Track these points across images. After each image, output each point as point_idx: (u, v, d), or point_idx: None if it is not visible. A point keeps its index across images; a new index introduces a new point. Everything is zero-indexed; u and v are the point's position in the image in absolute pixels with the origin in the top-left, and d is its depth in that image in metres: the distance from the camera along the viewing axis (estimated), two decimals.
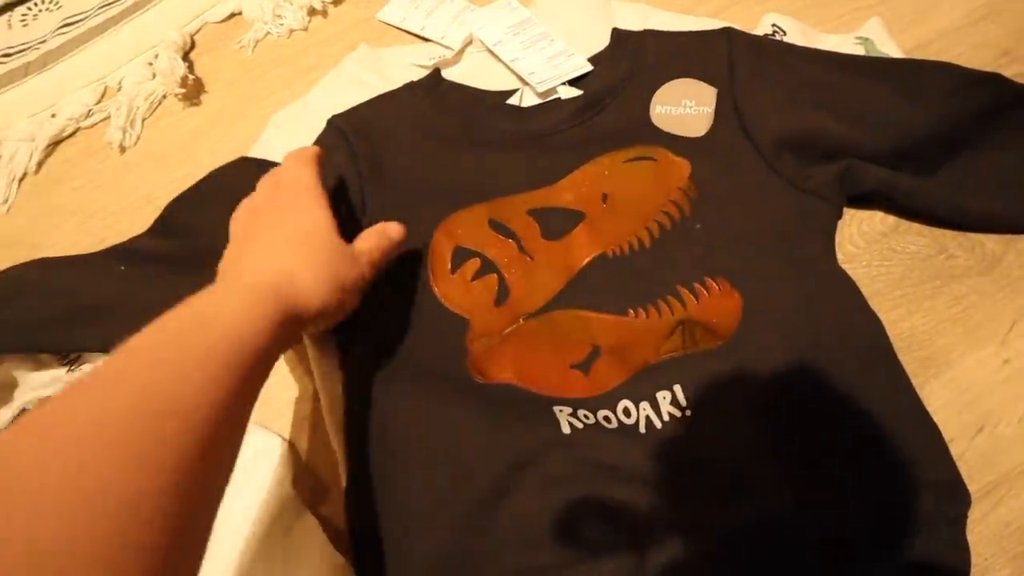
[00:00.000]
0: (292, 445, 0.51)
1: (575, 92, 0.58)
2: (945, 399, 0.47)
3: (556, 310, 0.50)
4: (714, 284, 0.48)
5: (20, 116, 0.68)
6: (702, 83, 0.55)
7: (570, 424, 0.45)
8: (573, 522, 0.42)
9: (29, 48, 0.73)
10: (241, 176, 0.57)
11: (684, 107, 0.55)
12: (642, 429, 0.45)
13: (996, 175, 0.51)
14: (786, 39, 0.59)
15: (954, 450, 0.44)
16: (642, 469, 0.43)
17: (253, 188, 0.48)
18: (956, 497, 0.41)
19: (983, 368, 0.48)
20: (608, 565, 0.41)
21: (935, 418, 0.45)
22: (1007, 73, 0.55)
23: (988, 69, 0.55)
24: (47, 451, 0.26)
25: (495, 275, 0.51)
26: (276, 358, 0.38)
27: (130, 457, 0.27)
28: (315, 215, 0.44)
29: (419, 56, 0.66)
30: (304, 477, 0.50)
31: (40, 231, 0.64)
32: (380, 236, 0.47)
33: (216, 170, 0.60)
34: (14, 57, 0.73)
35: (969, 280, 0.51)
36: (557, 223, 0.52)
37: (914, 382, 0.46)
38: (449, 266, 0.52)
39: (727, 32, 0.57)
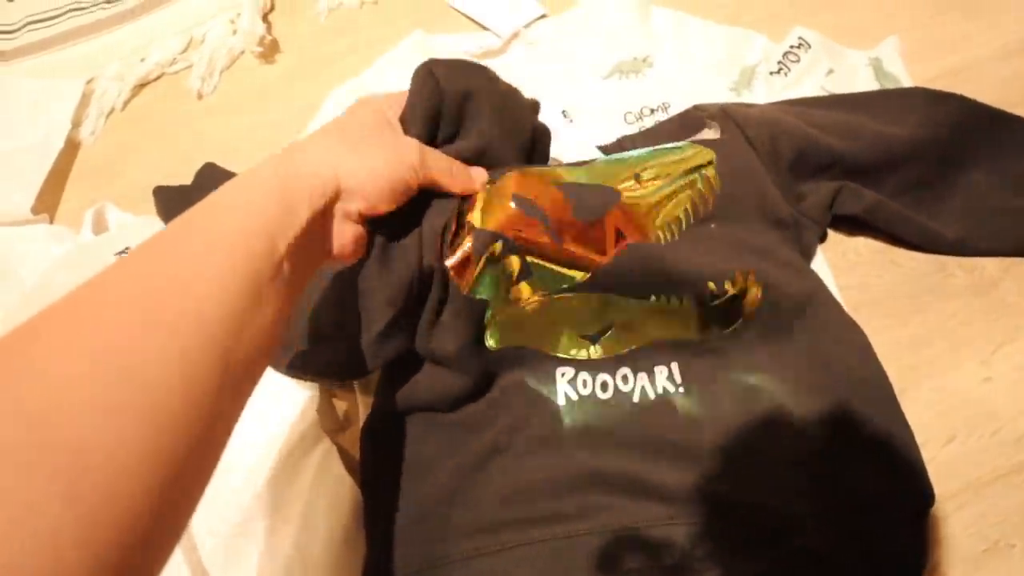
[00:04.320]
0: None
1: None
2: (923, 406, 0.47)
3: (579, 292, 0.47)
4: (741, 276, 0.46)
5: (113, 58, 0.72)
6: (703, 129, 0.54)
7: (566, 396, 0.46)
8: (556, 483, 0.43)
9: None
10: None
11: (686, 131, 0.55)
12: (636, 398, 0.46)
13: (965, 199, 0.52)
14: (809, 52, 0.60)
15: (924, 455, 0.45)
16: (628, 439, 0.44)
17: None
18: (921, 496, 0.42)
19: (964, 383, 0.48)
20: (582, 525, 0.42)
21: (912, 421, 0.45)
22: None
23: (1013, 103, 0.55)
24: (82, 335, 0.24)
25: (517, 257, 0.46)
26: (292, 235, 0.33)
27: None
28: (366, 111, 0.42)
29: (468, 44, 0.67)
30: (328, 409, 0.53)
31: (120, 162, 0.67)
32: (449, 173, 0.44)
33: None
34: (115, 4, 0.76)
35: (963, 299, 0.51)
36: (591, 202, 0.47)
37: (897, 388, 0.46)
38: (471, 256, 0.45)
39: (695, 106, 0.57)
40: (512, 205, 0.45)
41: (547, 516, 0.43)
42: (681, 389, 0.46)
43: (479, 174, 0.47)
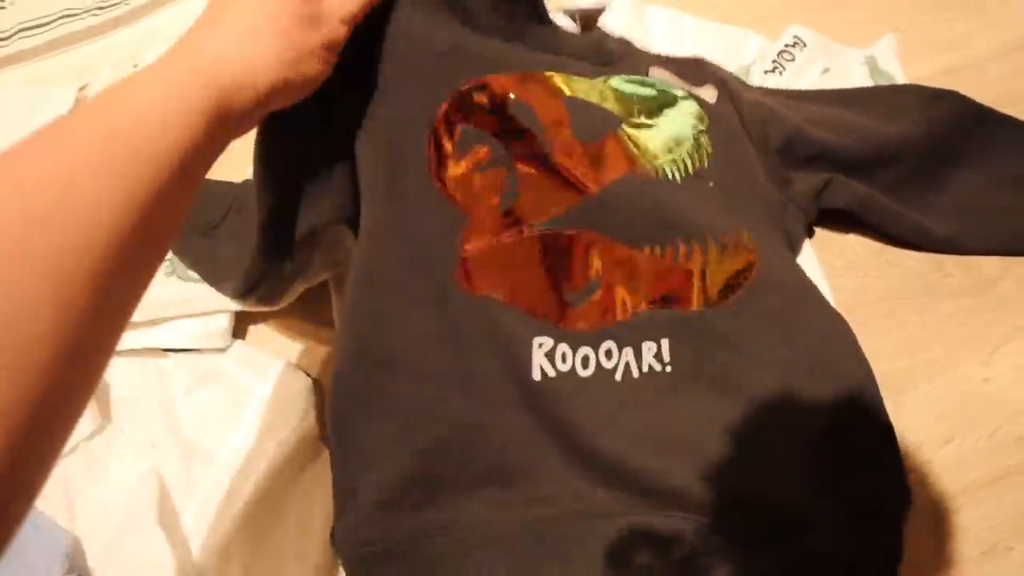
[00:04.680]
0: (317, 383, 0.53)
1: (573, 26, 0.57)
2: (921, 407, 0.47)
3: (567, 226, 0.44)
4: (741, 236, 0.45)
5: (105, 63, 0.72)
6: (705, 84, 0.53)
7: (542, 370, 0.42)
8: (531, 467, 0.41)
9: (120, 3, 0.77)
10: None
11: (686, 78, 0.53)
12: (618, 376, 0.43)
13: (957, 197, 0.52)
14: (805, 51, 0.60)
15: (922, 455, 0.46)
16: (609, 422, 0.41)
17: None
18: (900, 495, 0.41)
19: (962, 384, 0.48)
20: (559, 508, 0.40)
21: (909, 423, 0.46)
22: None
23: (1010, 102, 0.55)
24: None
25: (505, 169, 0.43)
26: (215, 147, 0.32)
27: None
28: None
29: None
30: (324, 413, 0.53)
31: None
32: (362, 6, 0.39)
33: None
34: (107, 10, 0.76)
35: (961, 300, 0.51)
36: (591, 122, 0.45)
37: (895, 389, 0.47)
38: (451, 146, 0.43)
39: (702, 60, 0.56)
40: (510, 110, 0.44)
41: (521, 499, 0.41)
42: (668, 368, 0.43)
43: None
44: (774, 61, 0.60)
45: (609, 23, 0.58)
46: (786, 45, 0.61)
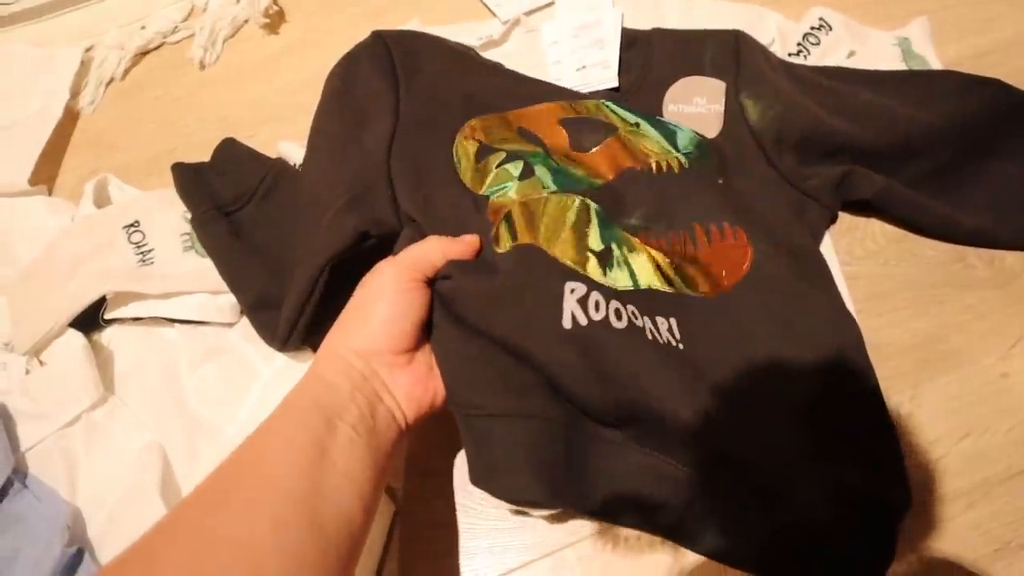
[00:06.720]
0: None
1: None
2: (938, 401, 0.46)
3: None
4: (730, 230, 0.47)
5: (112, 25, 0.70)
6: (711, 79, 0.54)
7: (573, 318, 0.41)
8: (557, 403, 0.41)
9: None
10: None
11: (696, 105, 0.54)
12: (648, 335, 0.42)
13: (990, 189, 0.50)
14: (831, 34, 0.58)
15: (937, 451, 0.45)
16: (638, 369, 0.41)
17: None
18: (897, 495, 0.41)
19: (980, 378, 0.47)
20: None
21: (925, 417, 0.45)
22: None
23: None
24: None
25: (521, 160, 0.50)
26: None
27: None
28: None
29: (467, 36, 0.64)
30: None
31: (119, 133, 0.66)
32: (441, 254, 0.44)
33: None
34: None
35: (982, 292, 0.50)
36: (588, 135, 0.51)
37: (911, 381, 0.46)
38: (474, 161, 0.50)
39: (736, 31, 0.56)
40: (515, 132, 0.52)
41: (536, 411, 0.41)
42: (681, 346, 0.43)
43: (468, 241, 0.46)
44: (799, 44, 0.59)
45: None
46: (811, 28, 0.59)
